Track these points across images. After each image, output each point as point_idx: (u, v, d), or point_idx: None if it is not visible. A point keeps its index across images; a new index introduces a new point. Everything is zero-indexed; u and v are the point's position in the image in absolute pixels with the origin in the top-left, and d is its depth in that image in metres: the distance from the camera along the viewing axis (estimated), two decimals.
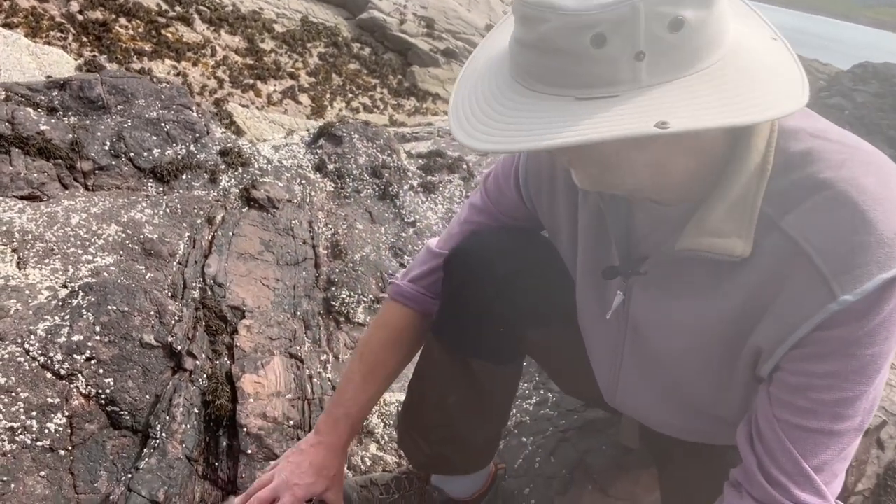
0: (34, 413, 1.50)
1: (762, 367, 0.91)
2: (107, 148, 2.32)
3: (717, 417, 1.09)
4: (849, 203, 0.78)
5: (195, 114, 2.56)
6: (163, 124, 2.45)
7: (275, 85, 10.97)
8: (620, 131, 0.68)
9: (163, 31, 10.88)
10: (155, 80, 2.62)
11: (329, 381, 1.83)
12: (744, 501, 0.91)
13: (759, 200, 0.84)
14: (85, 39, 9.89)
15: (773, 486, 0.87)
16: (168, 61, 10.29)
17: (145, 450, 1.56)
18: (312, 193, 2.54)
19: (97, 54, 9.56)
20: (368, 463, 1.76)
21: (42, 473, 1.45)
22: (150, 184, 2.32)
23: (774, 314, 0.85)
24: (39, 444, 1.47)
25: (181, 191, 2.34)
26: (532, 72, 0.75)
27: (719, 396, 1.03)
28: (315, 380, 1.81)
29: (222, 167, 2.46)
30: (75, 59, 7.99)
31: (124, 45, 10.13)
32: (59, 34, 9.65)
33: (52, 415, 1.52)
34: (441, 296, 1.27)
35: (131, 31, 10.50)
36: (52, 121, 2.29)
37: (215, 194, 2.38)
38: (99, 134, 2.34)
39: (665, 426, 1.21)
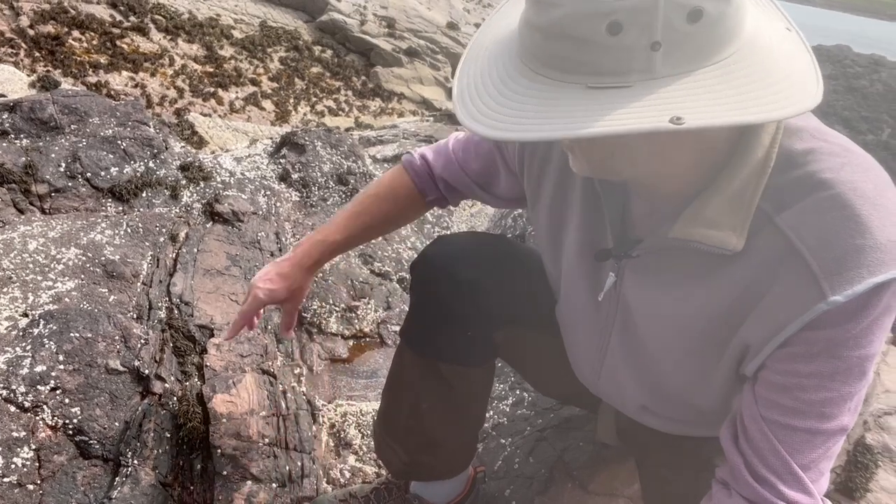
0: (0, 448, 1.46)
1: (748, 364, 0.91)
2: (62, 169, 2.27)
3: (695, 408, 1.09)
4: (847, 205, 0.78)
5: (152, 129, 2.51)
6: (119, 142, 2.40)
7: (236, 92, 10.83)
8: (633, 125, 0.66)
9: (118, 43, 10.66)
10: (114, 93, 2.57)
11: (303, 394, 1.81)
12: (733, 500, 0.91)
13: (757, 196, 0.84)
14: (38, 54, 9.65)
15: (762, 485, 0.88)
16: (125, 73, 10.09)
17: (117, 478, 1.52)
18: (278, 204, 2.51)
19: (51, 69, 9.34)
20: (348, 475, 1.74)
21: None
22: (109, 204, 2.27)
23: (764, 311, 0.86)
24: (6, 479, 1.43)
25: (142, 209, 2.29)
26: (540, 56, 0.72)
27: (700, 387, 1.03)
28: (289, 395, 1.79)
29: (183, 182, 2.42)
30: (28, 76, 7.80)
31: (79, 59, 9.91)
32: (9, 50, 9.40)
33: (19, 449, 1.48)
34: (410, 301, 1.27)
35: (85, 44, 10.27)
36: (4, 144, 2.23)
37: (177, 211, 2.34)
38: (53, 155, 2.28)
39: (642, 414, 1.21)
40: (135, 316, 1.95)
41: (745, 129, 0.84)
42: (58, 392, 1.57)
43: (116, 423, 1.60)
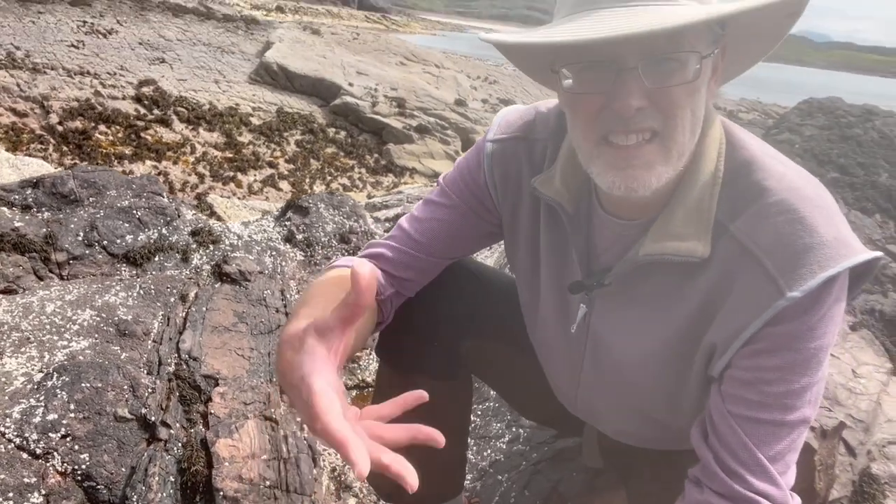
0: (10, 494, 1.52)
1: (715, 364, 0.97)
2: (80, 238, 2.41)
3: (670, 426, 1.14)
4: (792, 209, 0.87)
5: (166, 199, 2.67)
6: (134, 211, 2.56)
7: (255, 175, 11.24)
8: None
9: (142, 134, 11.20)
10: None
11: (304, 439, 1.86)
12: (704, 495, 0.95)
13: (714, 204, 0.93)
14: (65, 148, 10.17)
15: (731, 477, 0.92)
16: (149, 162, 10.56)
17: None
18: (283, 263, 2.63)
19: (77, 161, 9.81)
20: None
21: None
22: (123, 268, 2.40)
23: (727, 313, 0.93)
24: None
25: (154, 272, 2.42)
26: None
27: (673, 402, 1.09)
28: (290, 439, 1.84)
29: (194, 246, 2.55)
30: (56, 168, 8.21)
31: (105, 151, 10.40)
32: (39, 146, 9.92)
33: (29, 494, 1.54)
34: None
35: (111, 137, 10.81)
36: (27, 217, 2.39)
37: (188, 272, 2.46)
38: (72, 226, 2.43)
39: (622, 434, 1.26)
40: (145, 371, 2.03)
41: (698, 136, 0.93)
42: (68, 439, 1.64)
43: (123, 469, 1.66)
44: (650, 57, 0.83)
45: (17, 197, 2.45)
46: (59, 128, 10.95)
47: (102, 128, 11.12)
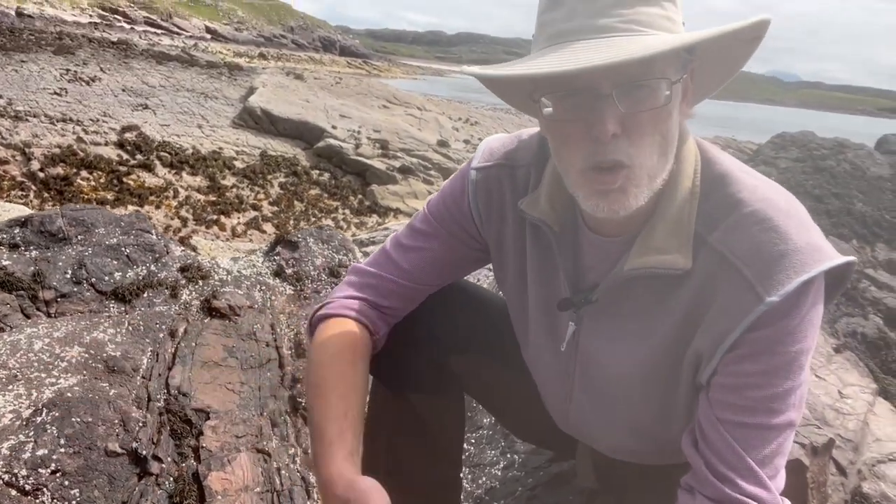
0: None
1: (702, 373, 1.00)
2: (68, 276, 2.41)
3: (663, 438, 1.16)
4: (766, 218, 0.92)
5: (154, 236, 2.67)
6: (123, 248, 2.56)
7: (238, 217, 11.24)
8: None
9: (124, 179, 11.19)
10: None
11: (298, 472, 1.85)
12: (696, 501, 0.97)
13: (693, 218, 0.98)
14: (46, 195, 10.12)
15: (722, 482, 0.94)
16: (131, 207, 10.53)
17: None
18: (273, 298, 2.63)
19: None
20: None
21: None
22: (111, 305, 2.39)
23: (710, 321, 0.96)
24: None
25: (143, 308, 2.41)
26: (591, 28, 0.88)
27: (664, 414, 1.11)
28: (283, 472, 1.82)
29: (183, 282, 2.55)
30: None
31: (86, 196, 10.37)
32: (20, 192, 9.87)
33: None
34: None
35: (93, 182, 10.79)
36: (14, 256, 2.38)
37: (177, 308, 2.45)
38: (60, 264, 2.42)
39: (615, 450, 1.27)
40: (135, 407, 2.01)
41: (680, 146, 0.98)
42: (58, 475, 1.61)
43: None
44: (624, 84, 0.88)
45: (4, 236, 2.44)
46: (41, 174, 10.93)
47: (84, 173, 11.11)
